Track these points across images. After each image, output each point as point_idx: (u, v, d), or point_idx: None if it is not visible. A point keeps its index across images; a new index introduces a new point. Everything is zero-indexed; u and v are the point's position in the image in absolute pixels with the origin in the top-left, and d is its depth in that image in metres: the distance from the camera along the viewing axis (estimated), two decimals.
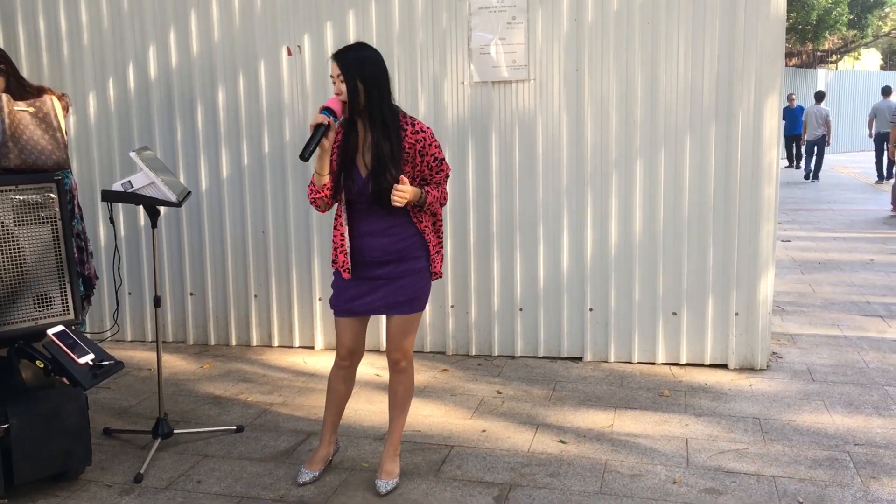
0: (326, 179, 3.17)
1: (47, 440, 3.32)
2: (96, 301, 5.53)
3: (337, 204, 3.29)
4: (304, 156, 3.02)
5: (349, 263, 3.23)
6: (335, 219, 3.31)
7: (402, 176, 3.11)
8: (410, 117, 3.22)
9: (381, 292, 3.25)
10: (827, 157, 18.15)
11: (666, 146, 4.73)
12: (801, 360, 4.95)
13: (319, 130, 3.06)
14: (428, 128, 3.24)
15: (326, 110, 3.08)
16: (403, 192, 3.09)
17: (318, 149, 3.09)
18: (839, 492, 3.31)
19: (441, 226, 3.38)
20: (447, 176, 3.32)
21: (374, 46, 3.25)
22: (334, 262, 3.31)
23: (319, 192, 3.20)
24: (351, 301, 3.29)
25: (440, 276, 3.38)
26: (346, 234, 3.22)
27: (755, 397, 4.35)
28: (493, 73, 4.86)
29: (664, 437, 3.87)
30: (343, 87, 3.11)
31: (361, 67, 3.10)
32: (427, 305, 5.09)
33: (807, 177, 16.94)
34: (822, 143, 16.55)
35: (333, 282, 3.36)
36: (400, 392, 3.43)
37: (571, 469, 3.55)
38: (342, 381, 3.45)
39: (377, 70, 3.13)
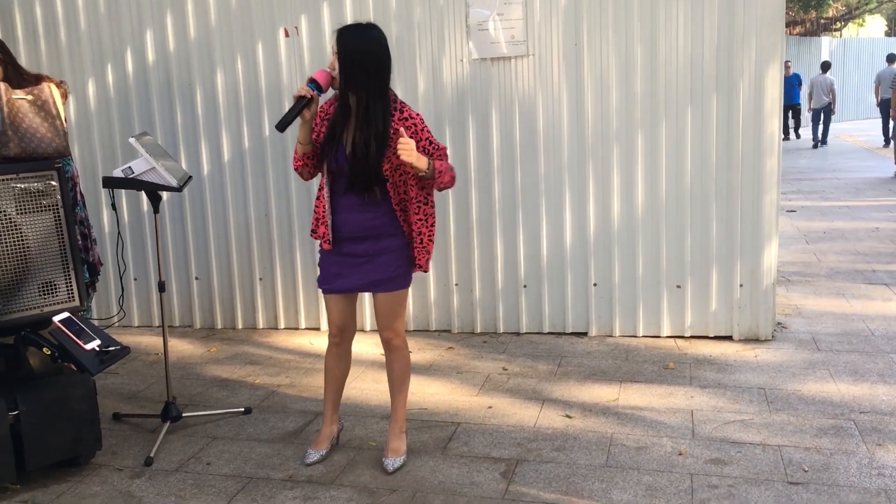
0: (308, 149, 3.22)
1: (57, 426, 3.35)
2: (102, 287, 5.56)
3: (321, 175, 3.31)
4: (280, 126, 3.08)
5: (329, 235, 3.26)
6: (318, 189, 3.33)
7: (401, 129, 3.08)
8: (401, 102, 3.22)
9: (364, 270, 3.28)
10: (832, 126, 18.24)
11: (667, 118, 4.71)
12: (807, 329, 4.96)
13: (300, 103, 3.09)
14: (417, 114, 3.23)
15: (312, 83, 3.11)
16: (406, 143, 3.03)
17: (299, 119, 3.12)
18: (844, 459, 3.32)
19: (432, 220, 3.30)
20: (445, 153, 3.31)
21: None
22: (314, 231, 3.34)
23: (300, 161, 3.25)
24: (335, 279, 3.32)
25: (425, 271, 3.35)
26: (328, 207, 3.25)
27: (760, 368, 4.36)
28: (491, 49, 4.84)
29: (669, 409, 3.89)
30: (336, 63, 3.11)
31: (360, 50, 3.08)
32: (431, 284, 5.15)
33: (815, 145, 17.02)
34: (828, 110, 16.88)
35: (320, 260, 3.39)
36: (396, 370, 3.45)
37: (577, 443, 3.57)
38: (336, 358, 3.49)
39: (376, 55, 3.11)
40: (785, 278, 6.13)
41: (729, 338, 4.83)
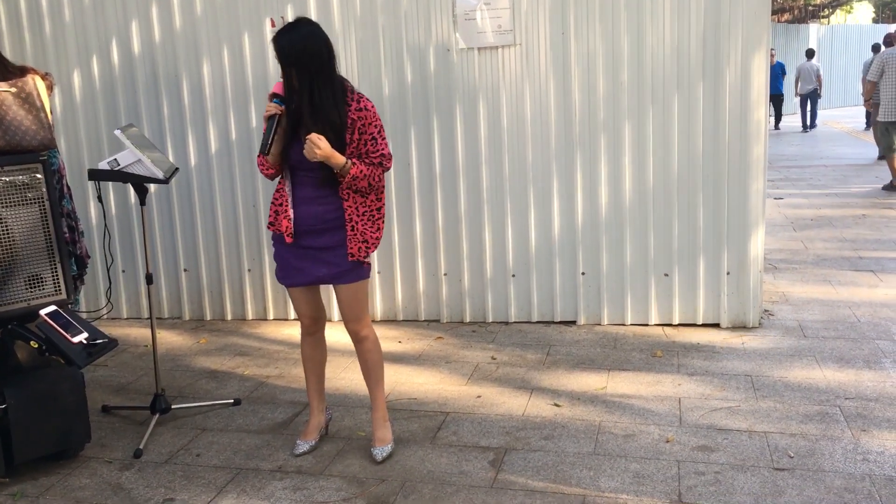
0: (278, 160, 3.25)
1: (46, 419, 3.35)
2: (90, 280, 5.54)
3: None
4: (265, 151, 3.19)
5: (292, 228, 3.26)
6: (278, 183, 3.36)
7: (315, 134, 3.10)
8: (358, 93, 3.22)
9: (323, 263, 3.28)
10: (820, 113, 18.67)
11: (654, 106, 4.71)
12: (793, 316, 4.99)
13: (273, 122, 3.16)
14: (372, 106, 3.22)
15: (276, 98, 3.18)
16: (318, 142, 3.06)
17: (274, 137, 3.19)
18: (830, 445, 3.36)
19: (380, 214, 3.31)
20: (384, 157, 3.25)
21: (324, 20, 3.29)
22: (272, 224, 3.32)
23: (272, 169, 3.26)
24: (296, 273, 3.33)
25: (367, 265, 3.34)
26: (290, 199, 3.27)
27: (747, 355, 4.39)
28: (478, 38, 4.83)
29: (657, 397, 3.91)
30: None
31: (296, 49, 3.08)
32: (420, 274, 5.15)
33: (804, 129, 17.55)
34: (814, 95, 17.48)
35: (276, 253, 3.38)
36: (369, 361, 3.45)
37: (566, 431, 3.59)
38: (313, 347, 3.51)
39: (311, 50, 3.09)
40: (772, 266, 6.17)
41: (716, 325, 4.86)
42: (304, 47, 3.08)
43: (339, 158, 3.13)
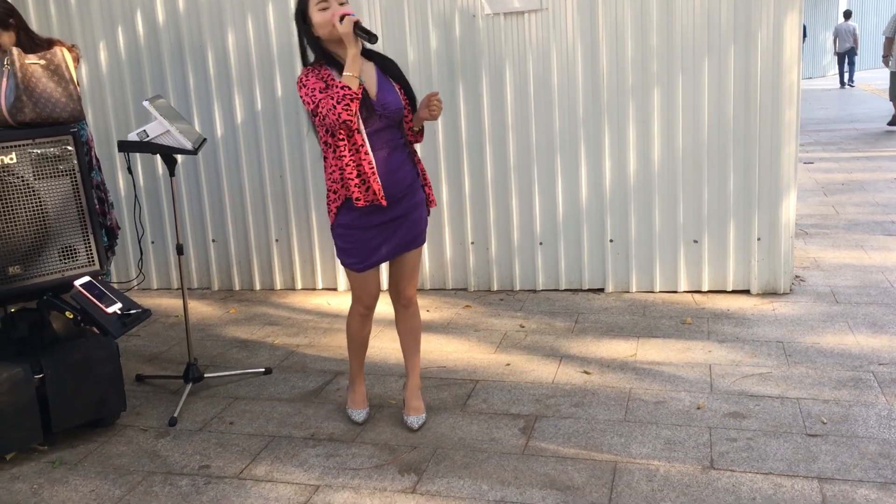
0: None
1: (82, 388, 3.40)
2: (121, 251, 5.60)
3: (337, 142, 3.04)
4: (373, 38, 2.93)
5: (382, 192, 3.04)
6: (339, 158, 3.03)
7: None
8: None
9: (401, 232, 3.20)
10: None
11: (683, 71, 4.64)
12: (825, 282, 4.93)
13: (358, 25, 2.92)
14: None
15: (343, 17, 2.94)
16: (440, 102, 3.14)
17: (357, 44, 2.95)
18: (863, 411, 3.33)
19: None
20: None
21: None
22: (358, 199, 3.02)
23: (357, 95, 2.92)
24: (375, 252, 3.17)
25: (435, 205, 3.39)
26: (374, 163, 3.03)
27: (778, 321, 4.36)
28: (504, 4, 4.77)
29: (687, 364, 3.90)
30: (348, 7, 3.03)
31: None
32: (447, 243, 5.15)
33: (842, 85, 19.13)
34: (851, 53, 18.99)
35: (348, 238, 3.14)
36: (415, 327, 3.45)
37: (596, 399, 3.59)
38: (363, 324, 3.40)
39: None
40: (803, 231, 6.09)
41: (746, 292, 4.82)
42: None
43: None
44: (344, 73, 2.95)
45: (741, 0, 4.49)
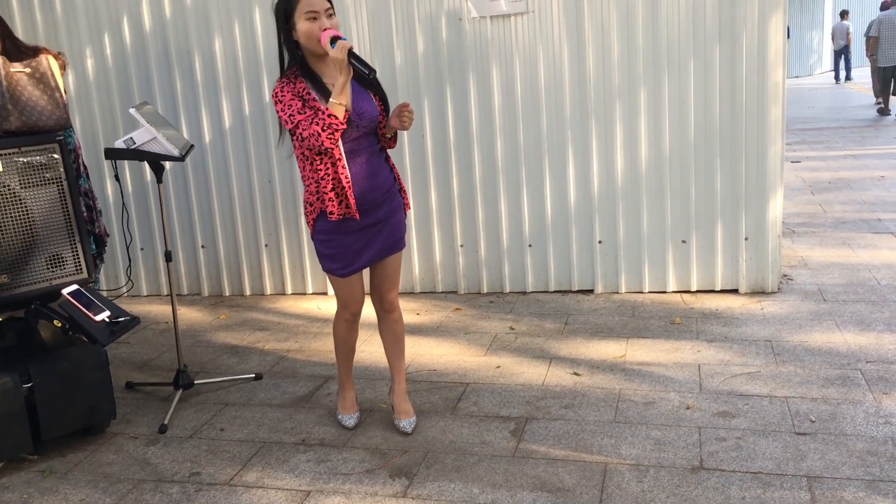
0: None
1: (71, 396, 3.39)
2: (109, 258, 5.58)
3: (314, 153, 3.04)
4: (372, 72, 2.90)
5: (356, 206, 3.08)
6: (316, 172, 3.04)
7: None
8: None
9: (382, 237, 3.22)
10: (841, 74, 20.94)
11: (669, 71, 4.66)
12: (813, 280, 4.96)
13: (352, 54, 2.90)
14: None
15: (334, 39, 2.92)
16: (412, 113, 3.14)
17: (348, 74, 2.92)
18: (851, 409, 3.35)
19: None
20: None
21: None
22: (331, 213, 3.05)
23: (342, 125, 2.92)
24: (357, 257, 3.19)
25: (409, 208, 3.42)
26: (350, 177, 3.07)
27: (766, 320, 4.38)
28: (490, 7, 4.78)
29: (677, 364, 3.91)
30: (335, 20, 3.05)
31: None
32: (436, 246, 5.16)
33: (837, 81, 20.55)
34: (846, 50, 20.35)
35: (332, 244, 3.15)
36: (398, 332, 3.45)
37: (586, 400, 3.60)
38: (350, 330, 3.41)
39: None
40: (790, 230, 6.12)
41: (735, 291, 4.84)
42: None
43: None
44: (331, 101, 2.92)
45: (726, 1, 4.52)
